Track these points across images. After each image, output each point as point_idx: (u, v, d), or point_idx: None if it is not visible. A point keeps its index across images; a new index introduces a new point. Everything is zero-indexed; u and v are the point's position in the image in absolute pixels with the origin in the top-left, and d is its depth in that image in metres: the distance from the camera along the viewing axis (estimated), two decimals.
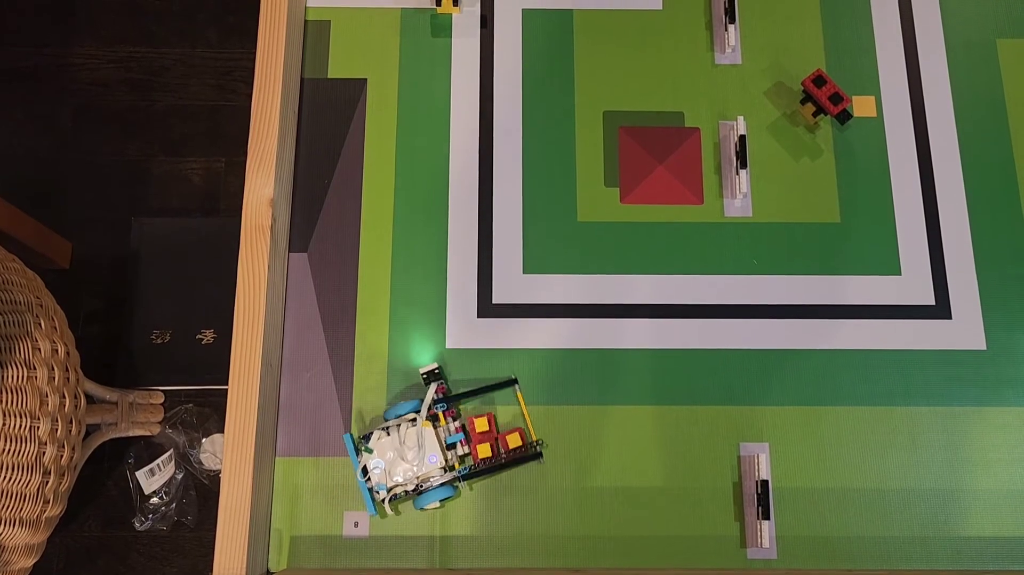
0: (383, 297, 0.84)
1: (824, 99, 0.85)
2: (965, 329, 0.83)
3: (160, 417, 1.40)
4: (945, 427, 0.81)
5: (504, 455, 0.79)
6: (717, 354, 0.83)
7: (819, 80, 0.86)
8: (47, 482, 1.01)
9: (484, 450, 0.78)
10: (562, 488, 0.79)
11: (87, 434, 1.19)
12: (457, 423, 0.79)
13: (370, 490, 0.77)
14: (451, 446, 0.79)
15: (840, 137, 0.89)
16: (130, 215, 1.48)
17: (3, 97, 1.56)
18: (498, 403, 0.82)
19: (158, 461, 1.39)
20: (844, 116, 0.86)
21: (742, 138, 0.86)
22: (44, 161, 1.53)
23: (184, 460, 1.40)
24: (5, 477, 0.95)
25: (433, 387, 0.79)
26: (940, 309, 0.84)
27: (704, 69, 0.91)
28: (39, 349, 1.01)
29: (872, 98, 0.90)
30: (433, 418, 0.79)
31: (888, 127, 0.89)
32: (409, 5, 0.93)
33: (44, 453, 1.00)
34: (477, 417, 0.79)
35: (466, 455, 0.79)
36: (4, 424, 0.95)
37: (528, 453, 0.79)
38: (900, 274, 0.85)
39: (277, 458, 0.80)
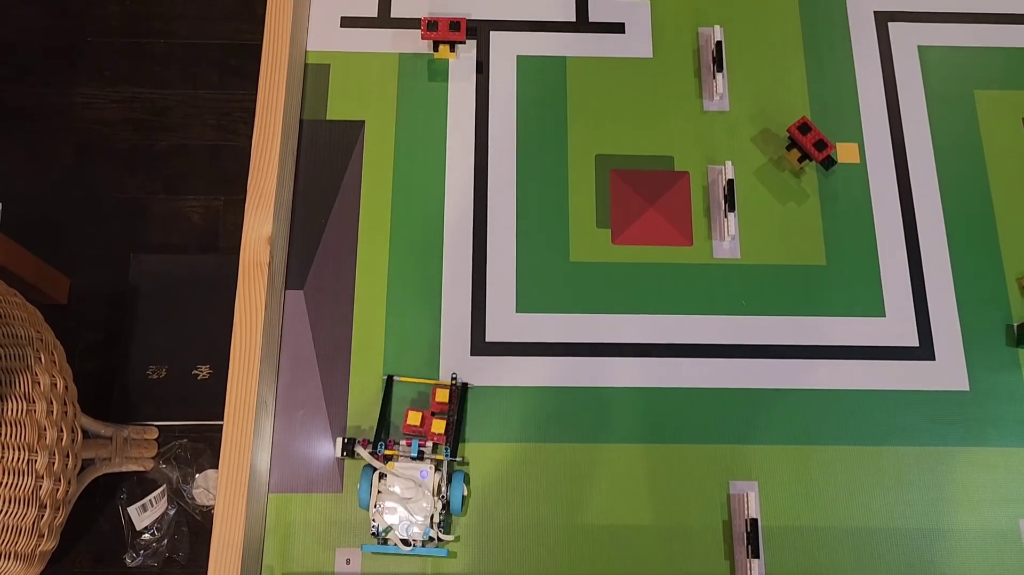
0: (378, 335, 0.85)
1: (809, 145, 0.88)
2: (948, 370, 0.85)
3: (153, 452, 1.40)
4: (931, 467, 0.82)
5: (451, 414, 0.80)
6: (706, 393, 0.84)
7: (804, 127, 0.88)
8: (42, 516, 1.01)
9: (439, 426, 0.79)
10: (553, 526, 0.80)
11: (81, 469, 1.19)
12: (401, 441, 0.79)
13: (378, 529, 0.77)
14: (420, 455, 0.78)
15: (825, 182, 0.91)
16: (129, 252, 1.49)
17: (7, 135, 1.58)
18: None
19: (150, 497, 1.38)
20: (829, 162, 0.89)
21: (730, 182, 0.88)
22: (45, 198, 1.55)
23: (177, 496, 1.40)
24: (2, 511, 0.95)
25: (361, 451, 0.78)
26: (924, 350, 0.85)
27: (693, 115, 0.94)
28: (39, 383, 1.01)
29: (855, 145, 0.92)
30: (386, 459, 0.79)
31: (871, 173, 0.92)
32: (407, 50, 0.95)
33: (41, 487, 1.00)
34: (411, 411, 0.80)
35: (436, 446, 0.79)
36: (3, 457, 0.95)
37: (459, 394, 0.81)
38: (884, 316, 0.86)
39: (270, 494, 0.80)
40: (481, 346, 0.85)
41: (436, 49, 0.93)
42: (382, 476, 0.78)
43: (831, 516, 0.80)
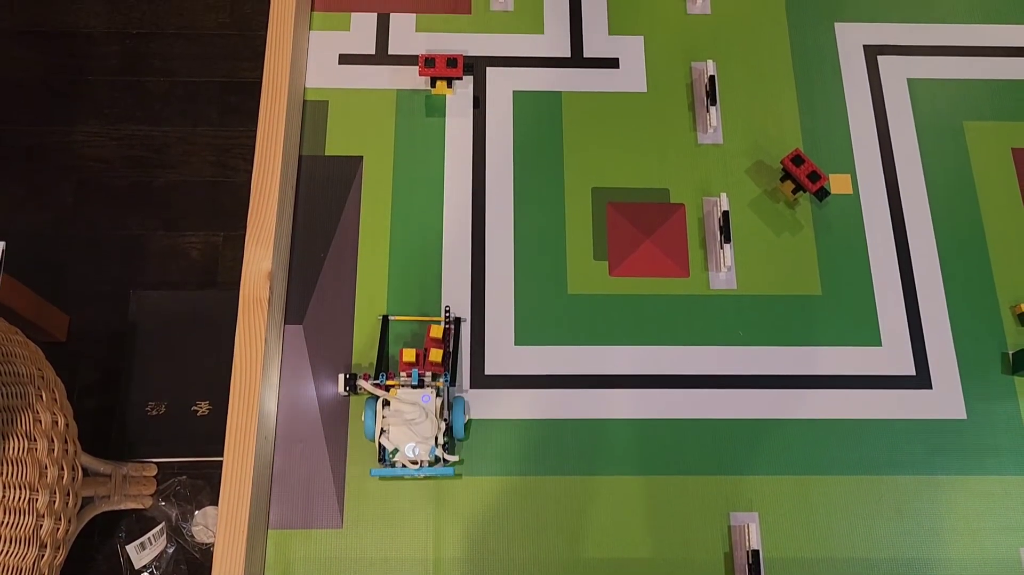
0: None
1: (802, 177, 0.89)
2: (945, 399, 0.85)
3: (152, 490, 1.39)
4: (930, 496, 0.82)
5: (447, 345, 0.84)
6: (706, 424, 0.84)
7: (797, 159, 0.89)
8: (43, 555, 1.00)
9: (436, 355, 0.82)
10: (553, 560, 0.79)
11: (81, 507, 1.19)
12: (401, 374, 0.82)
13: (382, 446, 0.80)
14: (420, 382, 0.81)
15: (819, 213, 0.92)
16: (129, 288, 1.50)
17: (8, 173, 1.59)
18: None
19: (149, 534, 1.37)
20: (822, 193, 0.90)
21: (725, 214, 0.89)
22: (46, 236, 1.55)
23: (176, 533, 1.39)
24: (3, 551, 0.95)
25: (363, 383, 0.81)
26: (920, 379, 0.86)
27: (688, 148, 0.95)
28: (40, 421, 1.01)
29: (848, 176, 0.94)
30: (388, 389, 0.81)
31: (864, 203, 0.93)
32: (404, 86, 0.96)
33: (41, 526, 0.99)
34: (405, 349, 0.82)
35: (435, 375, 0.82)
36: (4, 496, 0.95)
37: (454, 329, 0.85)
38: (880, 345, 0.87)
39: (269, 531, 0.80)
40: (480, 379, 0.85)
41: (433, 85, 0.95)
42: (386, 404, 0.80)
43: (832, 546, 0.80)
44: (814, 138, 0.95)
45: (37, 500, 0.99)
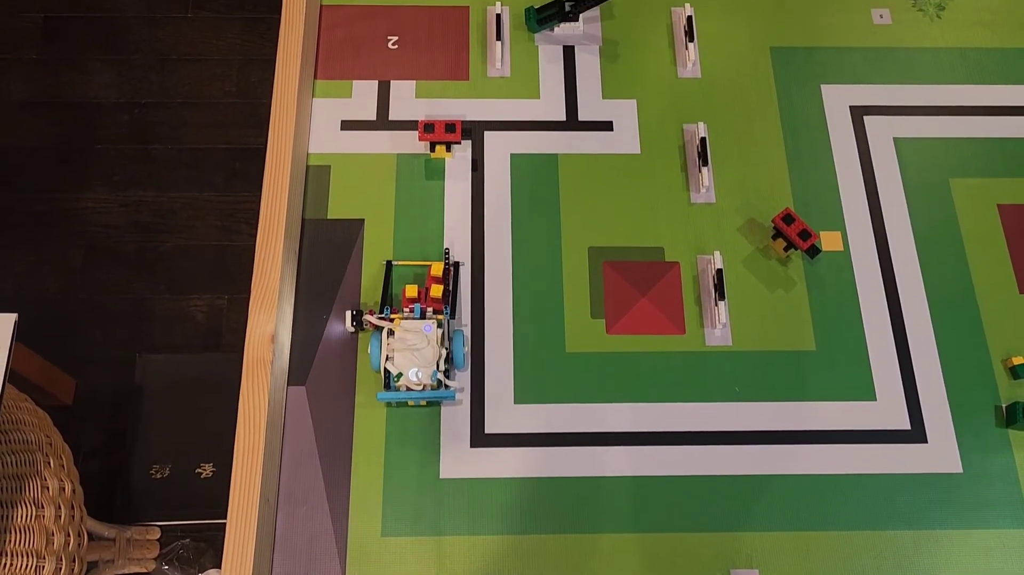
0: (379, 429, 0.86)
1: (794, 235, 0.90)
2: (941, 453, 0.86)
3: (156, 553, 1.39)
4: (929, 551, 0.82)
5: (447, 282, 0.89)
6: (704, 481, 0.84)
7: (788, 218, 0.91)
8: None
9: (437, 291, 0.87)
10: None
11: (86, 572, 1.18)
12: (404, 309, 0.88)
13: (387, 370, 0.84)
14: (422, 315, 0.87)
15: (811, 270, 0.94)
16: (134, 352, 1.51)
17: (19, 240, 1.62)
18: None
19: None
20: (813, 251, 0.91)
21: (719, 271, 0.90)
22: (53, 301, 1.58)
23: None
24: None
25: (369, 317, 0.87)
26: (916, 433, 0.86)
27: (681, 207, 0.97)
28: (47, 488, 1.02)
29: (838, 233, 0.95)
30: (390, 320, 0.87)
31: (855, 260, 0.94)
32: (404, 151, 0.98)
33: None
34: (408, 286, 0.87)
35: (436, 311, 0.87)
36: (12, 565, 0.94)
37: (453, 271, 0.92)
38: (875, 399, 0.88)
39: None
40: (480, 438, 0.86)
41: (433, 149, 0.97)
42: (390, 334, 0.85)
43: None
44: (804, 196, 0.97)
45: (44, 567, 0.98)
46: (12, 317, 0.98)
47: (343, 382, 0.88)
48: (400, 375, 0.84)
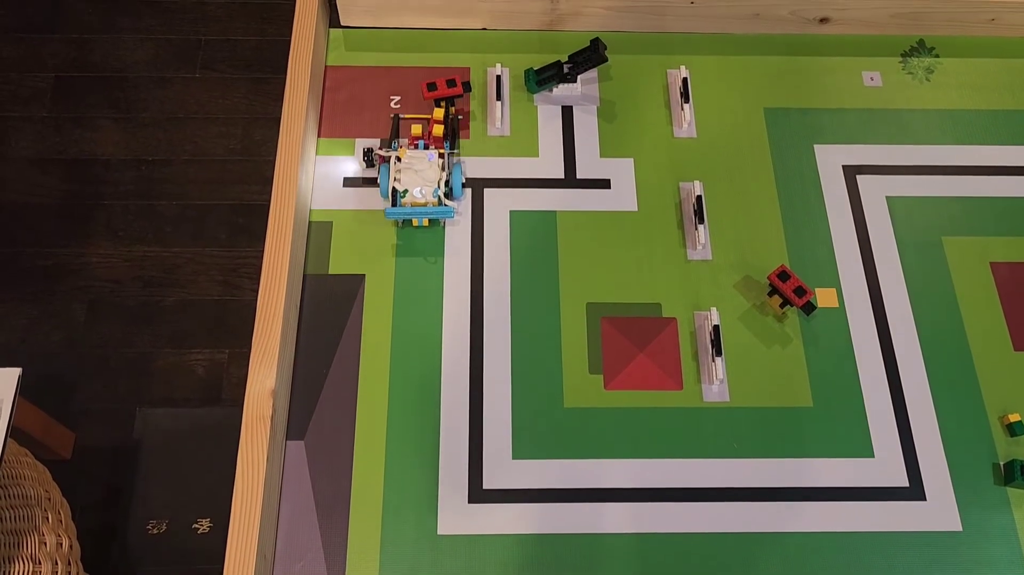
0: (377, 485, 0.85)
1: (789, 292, 0.91)
2: (940, 510, 0.85)
3: None
4: None
5: (447, 123, 1.02)
6: (703, 538, 0.84)
7: (783, 275, 0.92)
8: None
9: (439, 130, 1.01)
10: None
11: None
12: (409, 144, 1.01)
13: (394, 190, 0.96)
14: (426, 147, 1.00)
15: (807, 326, 0.94)
16: (135, 406, 1.51)
17: (23, 294, 1.63)
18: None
19: None
20: (808, 307, 0.92)
21: (716, 327, 0.91)
22: (55, 354, 1.58)
23: None
24: None
25: (377, 151, 1.00)
26: (914, 490, 0.86)
27: (678, 264, 0.98)
28: (45, 543, 1.01)
29: (833, 290, 0.96)
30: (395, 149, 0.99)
31: (850, 316, 0.95)
32: None
33: None
34: (413, 124, 1.02)
35: (437, 148, 1.00)
36: None
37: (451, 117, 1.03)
38: (873, 456, 0.88)
39: None
40: (479, 493, 0.86)
41: (439, 104, 1.02)
42: (398, 160, 0.97)
43: None
44: (799, 253, 0.98)
45: None
46: (16, 371, 0.98)
47: (342, 437, 0.88)
48: (406, 192, 0.96)
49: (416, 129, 1.01)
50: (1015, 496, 0.86)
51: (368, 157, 1.00)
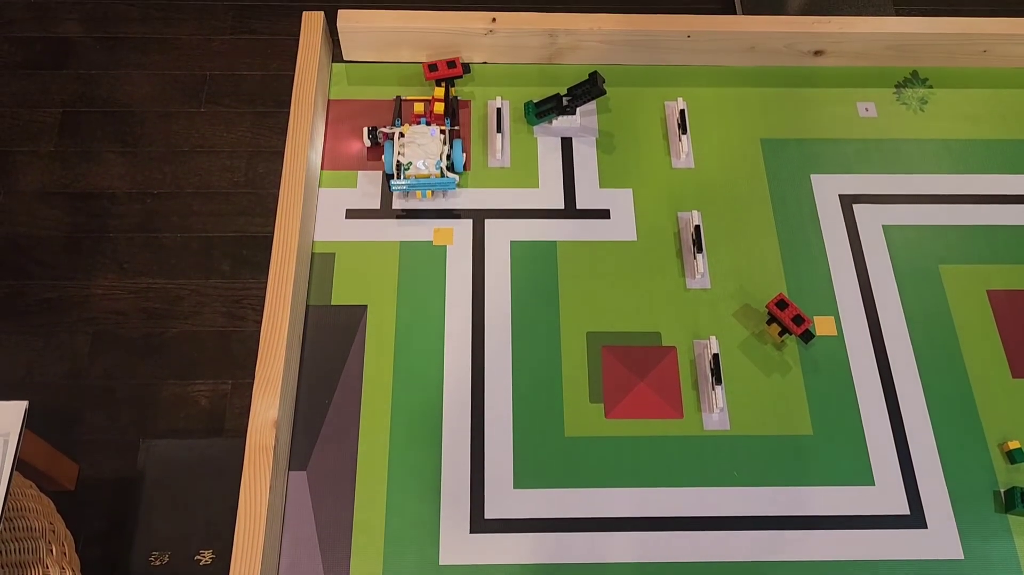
0: (379, 515, 0.85)
1: (787, 320, 0.92)
2: (941, 538, 0.85)
3: None
4: None
5: (446, 102, 1.07)
6: (705, 567, 0.84)
7: (781, 303, 0.93)
8: None
9: (439, 107, 1.06)
10: None
11: None
12: (412, 122, 1.04)
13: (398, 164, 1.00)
14: (428, 124, 1.03)
15: (806, 354, 0.95)
16: (138, 437, 1.52)
17: (28, 326, 1.64)
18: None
19: None
20: (807, 336, 0.93)
21: (715, 356, 0.92)
22: (59, 386, 1.59)
23: None
24: None
25: (381, 129, 1.05)
26: (915, 519, 0.86)
27: (677, 293, 0.98)
28: None
29: (832, 318, 0.97)
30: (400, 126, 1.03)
31: (849, 344, 0.95)
32: (407, 239, 1.01)
33: None
34: (416, 103, 1.07)
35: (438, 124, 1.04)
36: None
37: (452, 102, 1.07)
38: (874, 484, 0.88)
39: None
40: (480, 523, 0.86)
41: (439, 85, 1.07)
42: (401, 135, 1.01)
43: None
44: (797, 282, 0.99)
45: None
46: (23, 405, 0.99)
47: (344, 468, 0.88)
48: (410, 164, 0.99)
49: (419, 107, 1.06)
50: (1016, 524, 0.86)
51: (372, 135, 1.04)
